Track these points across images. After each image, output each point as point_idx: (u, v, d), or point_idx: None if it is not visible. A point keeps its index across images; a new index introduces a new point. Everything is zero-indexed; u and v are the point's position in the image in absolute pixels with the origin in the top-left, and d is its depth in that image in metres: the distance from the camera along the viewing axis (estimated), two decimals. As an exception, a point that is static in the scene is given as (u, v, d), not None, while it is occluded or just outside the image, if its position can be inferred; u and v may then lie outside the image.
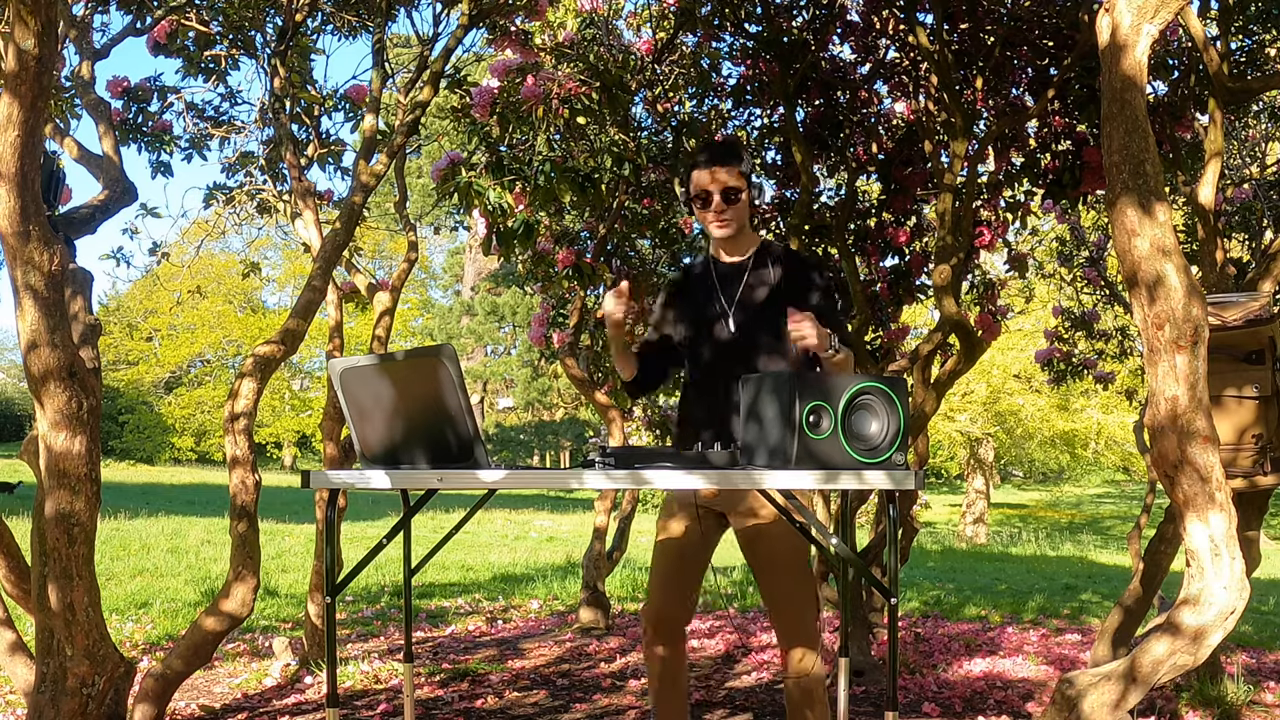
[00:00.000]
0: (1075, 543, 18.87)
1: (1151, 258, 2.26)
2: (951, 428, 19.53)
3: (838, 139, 4.90)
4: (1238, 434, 3.21)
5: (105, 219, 3.53)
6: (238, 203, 5.33)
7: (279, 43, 4.39)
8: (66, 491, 2.72)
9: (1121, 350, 7.89)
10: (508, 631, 5.90)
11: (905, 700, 4.17)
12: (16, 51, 2.51)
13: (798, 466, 1.96)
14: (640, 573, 8.74)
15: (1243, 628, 6.42)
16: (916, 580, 9.44)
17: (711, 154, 2.66)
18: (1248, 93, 3.99)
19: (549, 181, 3.70)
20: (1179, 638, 2.24)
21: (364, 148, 4.01)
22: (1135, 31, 2.30)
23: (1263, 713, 4.01)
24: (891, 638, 2.01)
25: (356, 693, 4.16)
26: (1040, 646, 5.66)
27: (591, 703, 4.10)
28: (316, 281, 3.72)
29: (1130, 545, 5.31)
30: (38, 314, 2.65)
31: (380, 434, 2.24)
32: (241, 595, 3.26)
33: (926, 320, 13.47)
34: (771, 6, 4.64)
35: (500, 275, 29.00)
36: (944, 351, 5.17)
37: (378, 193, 18.19)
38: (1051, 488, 33.98)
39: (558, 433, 33.56)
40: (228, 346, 34.38)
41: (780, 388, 2.01)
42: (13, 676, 3.13)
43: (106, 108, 3.89)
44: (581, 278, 5.16)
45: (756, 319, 2.65)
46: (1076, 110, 4.50)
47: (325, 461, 4.45)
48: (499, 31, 4.16)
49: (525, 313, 29.30)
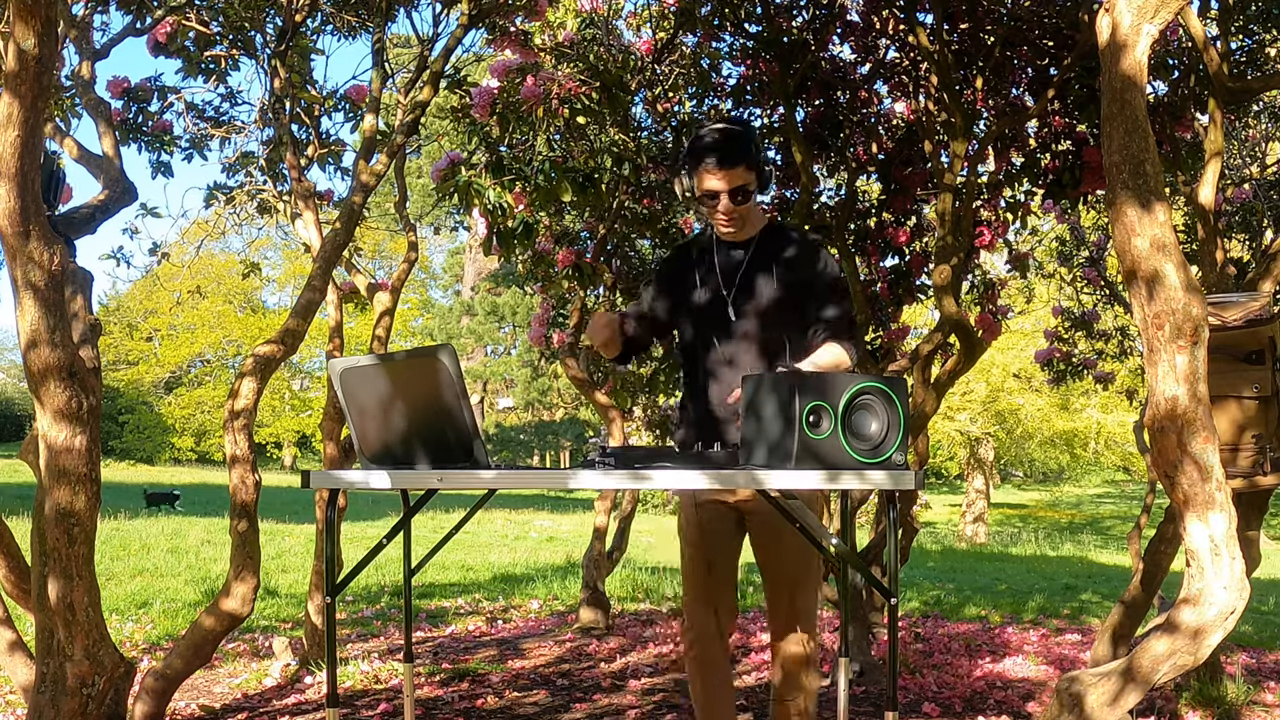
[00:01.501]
0: (1075, 543, 18.87)
1: (1151, 257, 2.26)
2: (951, 427, 19.54)
3: (838, 139, 4.90)
4: (1238, 434, 3.21)
5: (105, 219, 3.53)
6: (238, 203, 5.33)
7: (279, 43, 4.39)
8: (66, 491, 2.72)
9: (1121, 350, 7.89)
10: (508, 631, 5.90)
11: (905, 700, 4.17)
12: (16, 51, 2.51)
13: (798, 466, 1.96)
14: (640, 573, 8.74)
15: (1243, 628, 6.42)
16: (916, 580, 9.43)
17: (720, 155, 2.53)
18: (1248, 93, 3.99)
19: (549, 181, 3.70)
20: (1179, 637, 2.24)
21: (364, 148, 4.01)
22: (1135, 31, 2.30)
23: (1263, 713, 4.01)
24: (891, 638, 2.01)
25: (356, 693, 4.16)
26: (1040, 646, 5.66)
27: (592, 703, 4.10)
28: (316, 281, 3.72)
29: (1130, 545, 5.31)
30: (38, 313, 2.65)
31: (380, 434, 2.24)
32: (241, 595, 3.26)
33: (926, 320, 13.48)
34: (771, 6, 4.64)
35: (500, 275, 29.00)
36: (944, 351, 5.17)
37: (378, 193, 18.19)
38: (1051, 488, 33.98)
39: (558, 433, 33.56)
40: (228, 346, 34.38)
41: (780, 387, 2.01)
42: (13, 676, 3.13)
43: (106, 108, 3.89)
44: (581, 278, 5.16)
45: (758, 304, 2.58)
46: (1076, 110, 4.50)
47: (325, 461, 4.45)
48: (499, 32, 4.16)
49: (525, 313, 29.30)
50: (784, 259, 2.60)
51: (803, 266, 2.59)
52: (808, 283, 2.57)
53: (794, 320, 2.59)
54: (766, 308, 2.58)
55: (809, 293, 2.58)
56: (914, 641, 5.65)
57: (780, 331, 2.58)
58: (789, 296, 2.58)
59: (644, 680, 4.48)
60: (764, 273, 2.60)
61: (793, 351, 2.57)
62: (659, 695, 4.22)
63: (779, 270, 2.58)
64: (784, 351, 2.57)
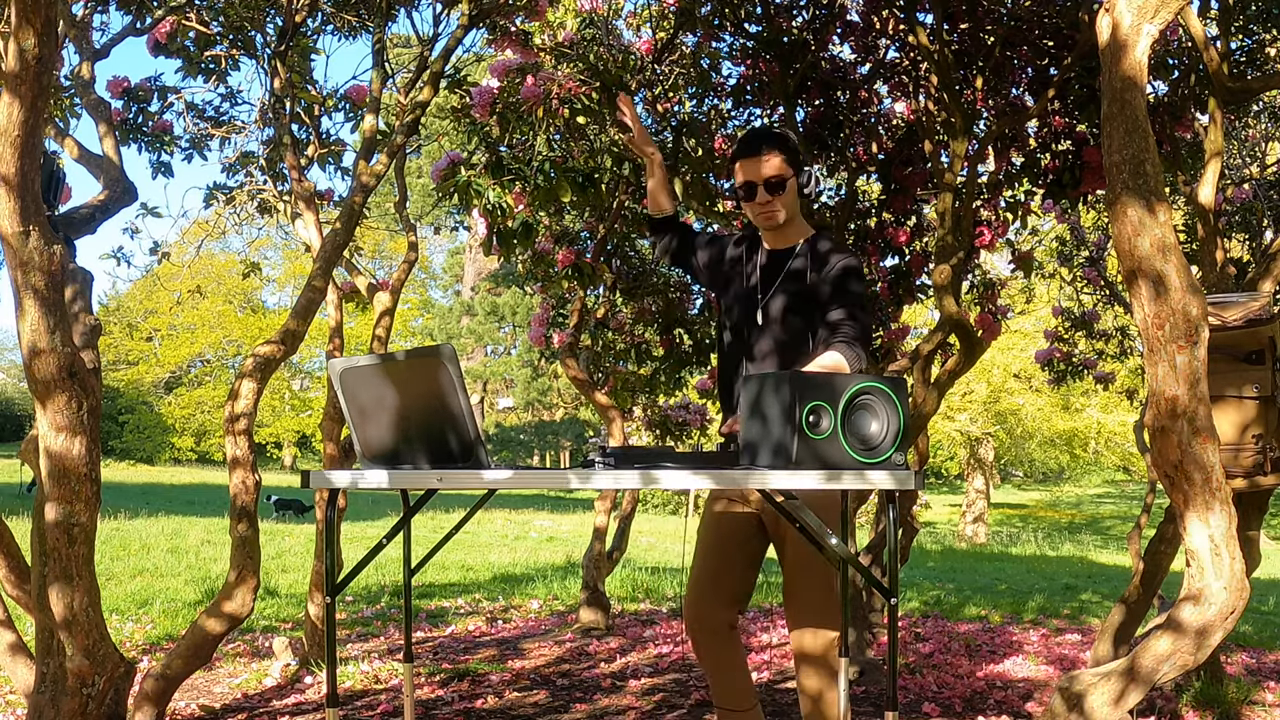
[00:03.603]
0: (1075, 543, 18.88)
1: (1151, 257, 2.26)
2: (951, 427, 19.54)
3: (838, 139, 4.90)
4: (1238, 434, 3.21)
5: (105, 219, 3.53)
6: (238, 203, 5.32)
7: (279, 43, 4.39)
8: (66, 492, 2.72)
9: (1121, 350, 7.89)
10: (508, 631, 5.90)
11: (905, 700, 4.17)
12: (17, 51, 2.51)
13: (798, 466, 1.96)
14: (640, 573, 8.74)
15: (1243, 628, 6.42)
16: (916, 580, 9.43)
17: (749, 142, 2.58)
18: (1248, 93, 3.99)
19: (549, 181, 3.70)
20: (1179, 637, 2.24)
21: (364, 148, 4.01)
22: (1135, 31, 2.30)
23: (1263, 713, 4.01)
24: (891, 638, 2.01)
25: (356, 693, 4.16)
26: (1040, 646, 5.66)
27: (592, 703, 4.10)
28: (316, 281, 3.72)
29: (1130, 545, 5.30)
30: (38, 314, 2.65)
31: (380, 434, 2.24)
32: (242, 595, 3.26)
33: (926, 320, 13.49)
34: (771, 6, 4.64)
35: (500, 275, 29.02)
36: (944, 351, 5.17)
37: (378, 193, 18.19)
38: (1051, 488, 33.99)
39: (558, 433, 33.57)
40: (228, 346, 34.38)
41: (780, 387, 2.01)
42: (13, 676, 3.13)
43: (106, 108, 3.89)
44: (581, 278, 5.16)
45: (785, 313, 2.62)
46: (1076, 110, 4.49)
47: (325, 461, 4.45)
48: (499, 32, 4.16)
49: (525, 313, 29.31)
50: (819, 271, 2.61)
51: (834, 280, 2.60)
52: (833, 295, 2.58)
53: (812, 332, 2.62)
54: (793, 318, 2.61)
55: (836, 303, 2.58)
56: (914, 641, 5.65)
57: (805, 342, 2.60)
58: (817, 309, 2.60)
59: (644, 680, 4.49)
60: (798, 282, 2.62)
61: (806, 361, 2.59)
62: (659, 695, 4.22)
63: (812, 281, 2.60)
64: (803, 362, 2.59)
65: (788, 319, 2.62)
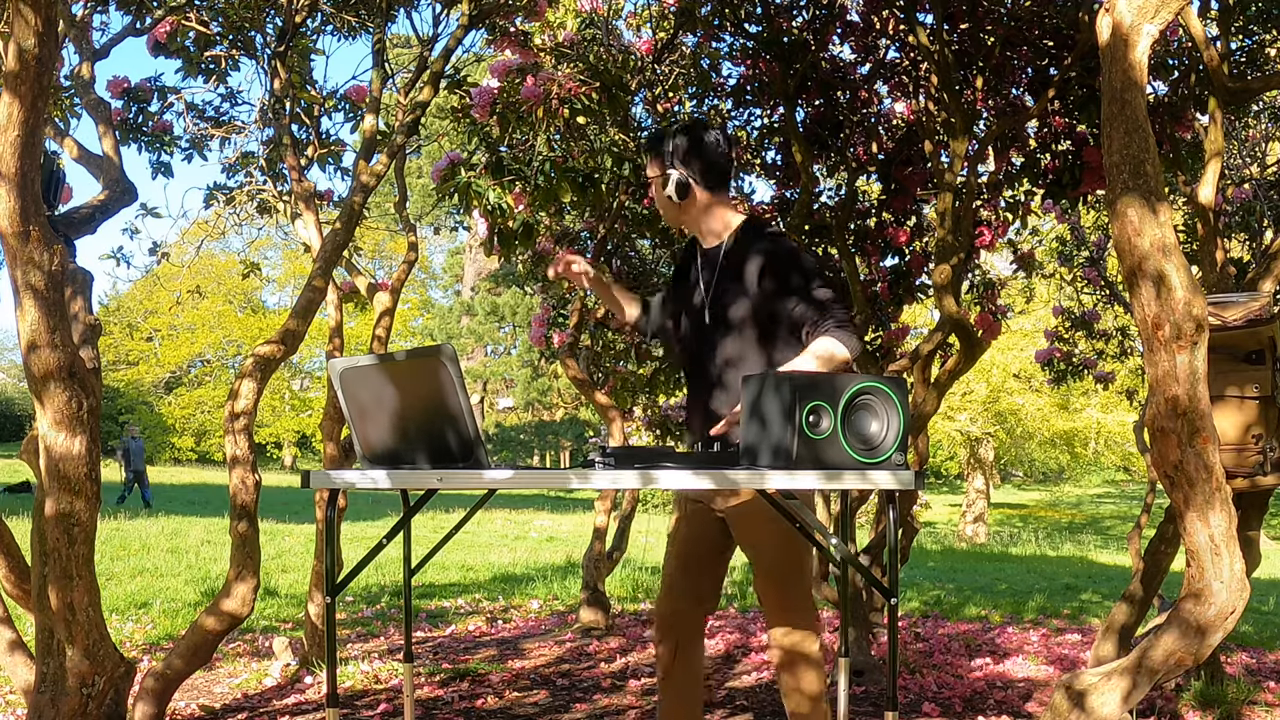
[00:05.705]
0: (1075, 543, 18.87)
1: (1152, 257, 2.26)
2: (951, 427, 19.54)
3: (838, 139, 4.90)
4: (1238, 434, 3.21)
5: (105, 219, 3.53)
6: (238, 203, 5.32)
7: (279, 43, 4.39)
8: (66, 492, 2.72)
9: (1121, 350, 7.89)
10: (508, 631, 5.90)
11: (905, 700, 4.17)
12: (17, 51, 2.51)
13: (798, 467, 1.96)
14: (640, 573, 8.74)
15: (1243, 628, 6.42)
16: (916, 580, 9.43)
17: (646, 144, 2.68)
18: (1248, 93, 3.99)
19: (549, 181, 3.70)
20: (1180, 637, 2.24)
21: (364, 148, 4.01)
22: (1135, 31, 2.30)
23: (1263, 712, 4.01)
24: (891, 638, 2.01)
25: (356, 693, 4.16)
26: (1040, 646, 5.66)
27: (592, 703, 4.10)
28: (316, 281, 3.71)
29: (1130, 545, 5.31)
30: (38, 314, 2.65)
31: (380, 434, 2.24)
32: (242, 595, 3.26)
33: (926, 320, 13.48)
34: (771, 6, 4.64)
35: (500, 275, 28.96)
36: (944, 351, 5.17)
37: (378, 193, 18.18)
38: (1051, 488, 33.99)
39: (558, 433, 33.57)
40: (228, 346, 34.38)
41: (780, 387, 2.01)
42: (13, 676, 3.13)
43: (106, 108, 3.89)
44: (581, 278, 5.15)
45: (727, 308, 2.58)
46: (1076, 110, 4.49)
47: (325, 461, 4.45)
48: (499, 32, 4.16)
49: (525, 313, 29.29)
50: (752, 262, 2.55)
51: (770, 267, 2.53)
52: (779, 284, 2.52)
53: (767, 324, 2.55)
54: (736, 313, 2.57)
55: (784, 291, 2.52)
56: (914, 641, 5.65)
57: (754, 335, 2.54)
58: (761, 300, 2.53)
59: (644, 680, 4.48)
60: (734, 278, 2.58)
61: (771, 356, 2.54)
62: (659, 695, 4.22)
63: (748, 274, 2.55)
64: (758, 356, 2.54)
65: (730, 316, 2.58)
